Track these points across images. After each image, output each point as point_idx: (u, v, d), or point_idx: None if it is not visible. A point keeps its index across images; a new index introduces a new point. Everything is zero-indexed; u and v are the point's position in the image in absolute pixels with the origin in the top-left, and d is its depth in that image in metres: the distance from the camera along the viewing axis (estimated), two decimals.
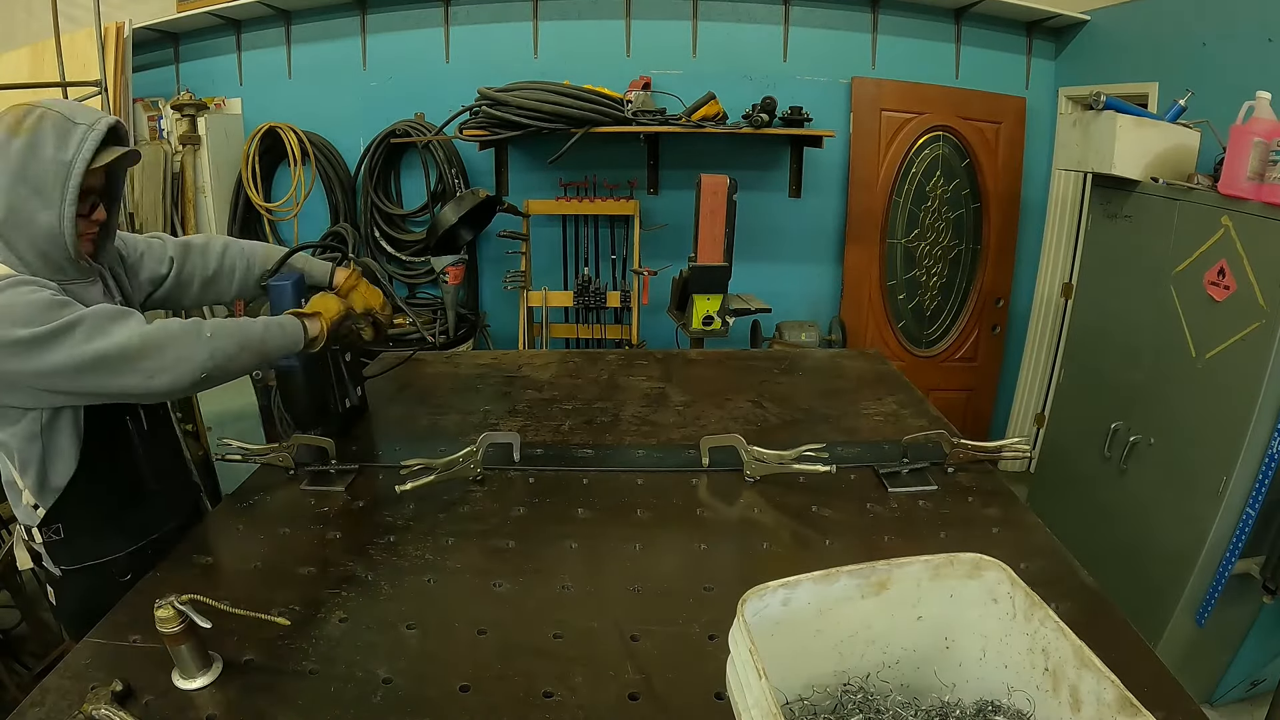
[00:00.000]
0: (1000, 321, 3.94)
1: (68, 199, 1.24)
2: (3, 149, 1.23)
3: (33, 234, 1.25)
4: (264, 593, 1.16)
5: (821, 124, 3.33)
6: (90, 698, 0.89)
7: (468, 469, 1.46)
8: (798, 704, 0.84)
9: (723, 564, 1.24)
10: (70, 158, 1.24)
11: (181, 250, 1.62)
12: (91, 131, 1.25)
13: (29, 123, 1.23)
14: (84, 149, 1.24)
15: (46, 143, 1.23)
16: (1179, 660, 2.26)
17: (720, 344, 2.97)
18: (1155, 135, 2.53)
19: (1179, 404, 2.35)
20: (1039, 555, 1.22)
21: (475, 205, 2.30)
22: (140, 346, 1.22)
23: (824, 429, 1.73)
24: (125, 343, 1.21)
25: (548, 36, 3.58)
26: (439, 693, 0.94)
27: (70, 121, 1.25)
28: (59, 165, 1.23)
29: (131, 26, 3.27)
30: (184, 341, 1.26)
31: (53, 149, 1.23)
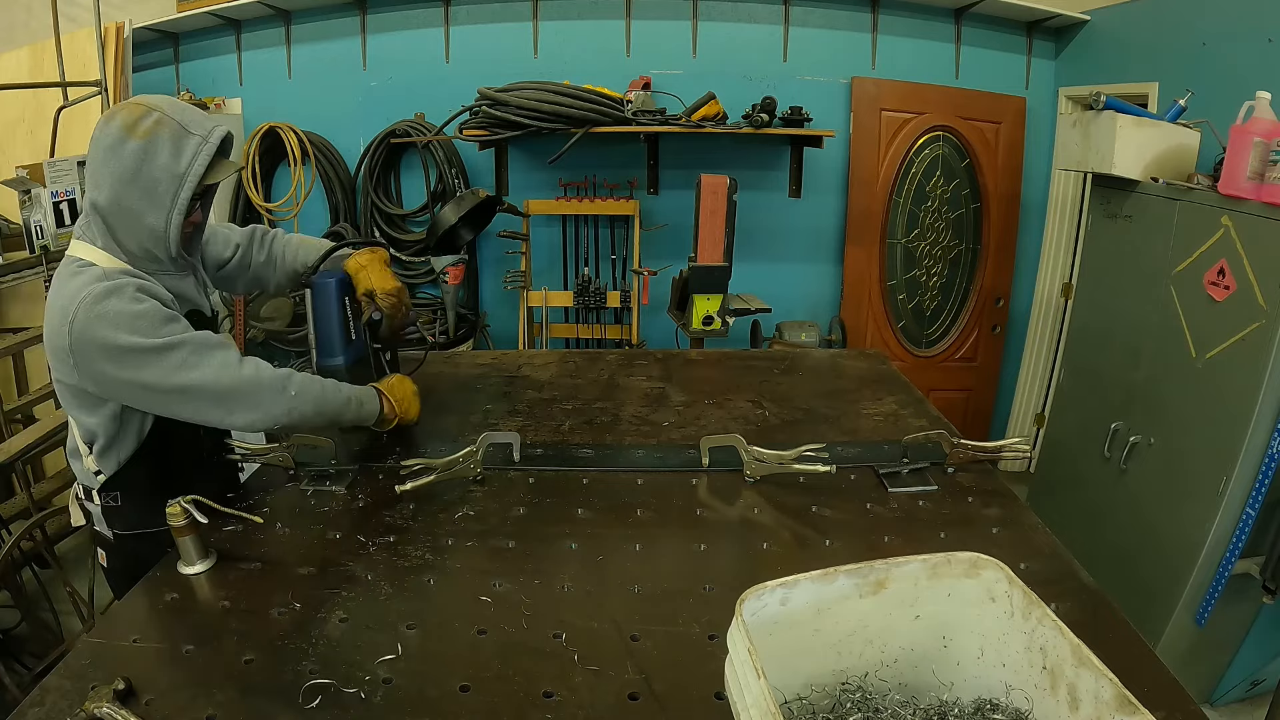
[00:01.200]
0: (1000, 321, 3.94)
1: (177, 208, 1.31)
2: (116, 148, 1.27)
3: (138, 231, 1.32)
4: (264, 592, 1.16)
5: (821, 124, 3.33)
6: (92, 696, 0.89)
7: (468, 469, 1.46)
8: (796, 703, 0.84)
9: (723, 564, 1.24)
10: (184, 170, 1.30)
11: (247, 238, 1.72)
12: (205, 144, 1.31)
13: (146, 126, 1.27)
14: (197, 163, 1.30)
15: (162, 150, 1.28)
16: (1179, 660, 2.26)
17: (720, 344, 2.97)
18: (1155, 135, 2.53)
19: (1179, 404, 2.35)
20: (1039, 555, 1.22)
21: (475, 205, 2.30)
22: (227, 388, 1.30)
23: (824, 429, 1.73)
24: (215, 381, 1.29)
25: (548, 36, 3.58)
26: (439, 693, 0.94)
27: (185, 131, 1.30)
28: (172, 176, 1.29)
29: (131, 26, 3.27)
30: (267, 394, 1.34)
31: (167, 157, 1.28)
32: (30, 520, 2.43)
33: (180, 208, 1.31)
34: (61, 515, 2.82)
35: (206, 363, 1.29)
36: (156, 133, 1.27)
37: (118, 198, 1.29)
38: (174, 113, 1.31)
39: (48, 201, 2.58)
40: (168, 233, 1.32)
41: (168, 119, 1.29)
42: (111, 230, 1.32)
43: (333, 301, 1.61)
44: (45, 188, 2.57)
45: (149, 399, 1.30)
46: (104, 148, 1.28)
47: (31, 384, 3.26)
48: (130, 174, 1.27)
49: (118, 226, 1.32)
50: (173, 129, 1.29)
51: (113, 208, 1.30)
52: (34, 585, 2.68)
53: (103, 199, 1.30)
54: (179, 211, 1.31)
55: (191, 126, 1.31)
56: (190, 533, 1.19)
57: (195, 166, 1.30)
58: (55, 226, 2.61)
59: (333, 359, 1.63)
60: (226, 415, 1.33)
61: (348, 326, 1.65)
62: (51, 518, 2.61)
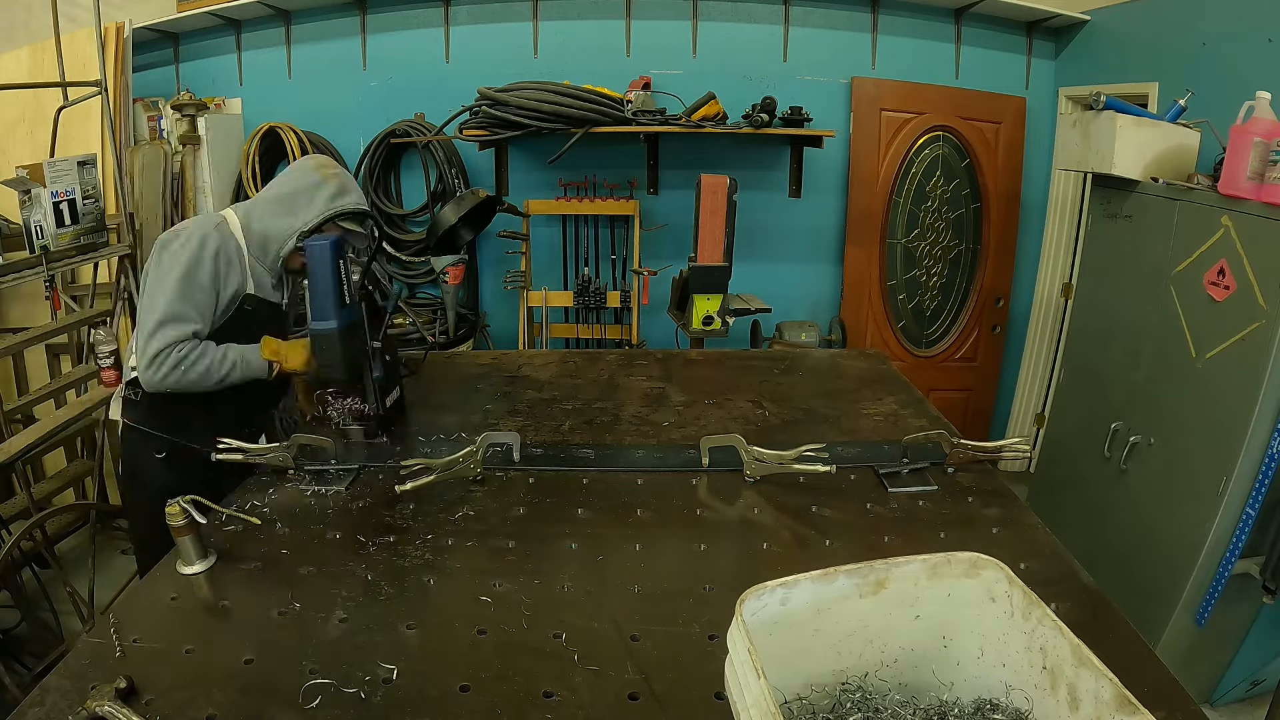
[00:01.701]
0: (1000, 321, 3.94)
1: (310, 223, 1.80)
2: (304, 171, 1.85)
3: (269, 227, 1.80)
4: (264, 592, 1.16)
5: (821, 124, 3.33)
6: (94, 695, 0.89)
7: (468, 469, 1.46)
8: (796, 703, 0.84)
9: (723, 564, 1.24)
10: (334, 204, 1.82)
11: None
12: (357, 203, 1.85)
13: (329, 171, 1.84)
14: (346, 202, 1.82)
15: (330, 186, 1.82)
16: (1179, 660, 2.26)
17: (720, 344, 2.97)
18: (1155, 135, 2.53)
19: (1179, 404, 2.35)
20: (1039, 555, 1.22)
21: (475, 205, 2.30)
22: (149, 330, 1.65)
23: (824, 429, 1.73)
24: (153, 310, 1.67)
25: (548, 36, 3.58)
26: (439, 693, 0.94)
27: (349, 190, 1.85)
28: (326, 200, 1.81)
29: (131, 26, 3.27)
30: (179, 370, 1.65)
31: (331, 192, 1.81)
32: (30, 520, 2.43)
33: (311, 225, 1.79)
34: (62, 515, 2.82)
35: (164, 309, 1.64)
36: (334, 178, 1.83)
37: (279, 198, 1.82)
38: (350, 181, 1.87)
39: (48, 201, 2.58)
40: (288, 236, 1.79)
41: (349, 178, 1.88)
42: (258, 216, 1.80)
43: (328, 263, 1.59)
44: (45, 188, 2.57)
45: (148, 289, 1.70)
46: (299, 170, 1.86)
47: (32, 384, 3.26)
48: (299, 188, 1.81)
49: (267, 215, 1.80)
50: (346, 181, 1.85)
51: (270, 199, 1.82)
52: (34, 585, 2.68)
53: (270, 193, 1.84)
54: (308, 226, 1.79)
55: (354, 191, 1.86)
56: (189, 533, 1.20)
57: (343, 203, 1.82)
58: (55, 226, 2.61)
59: (325, 323, 1.60)
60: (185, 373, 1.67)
61: (342, 289, 1.62)
62: (51, 518, 2.61)
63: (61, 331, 2.95)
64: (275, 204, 1.81)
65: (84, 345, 3.11)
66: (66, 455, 3.26)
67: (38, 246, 2.57)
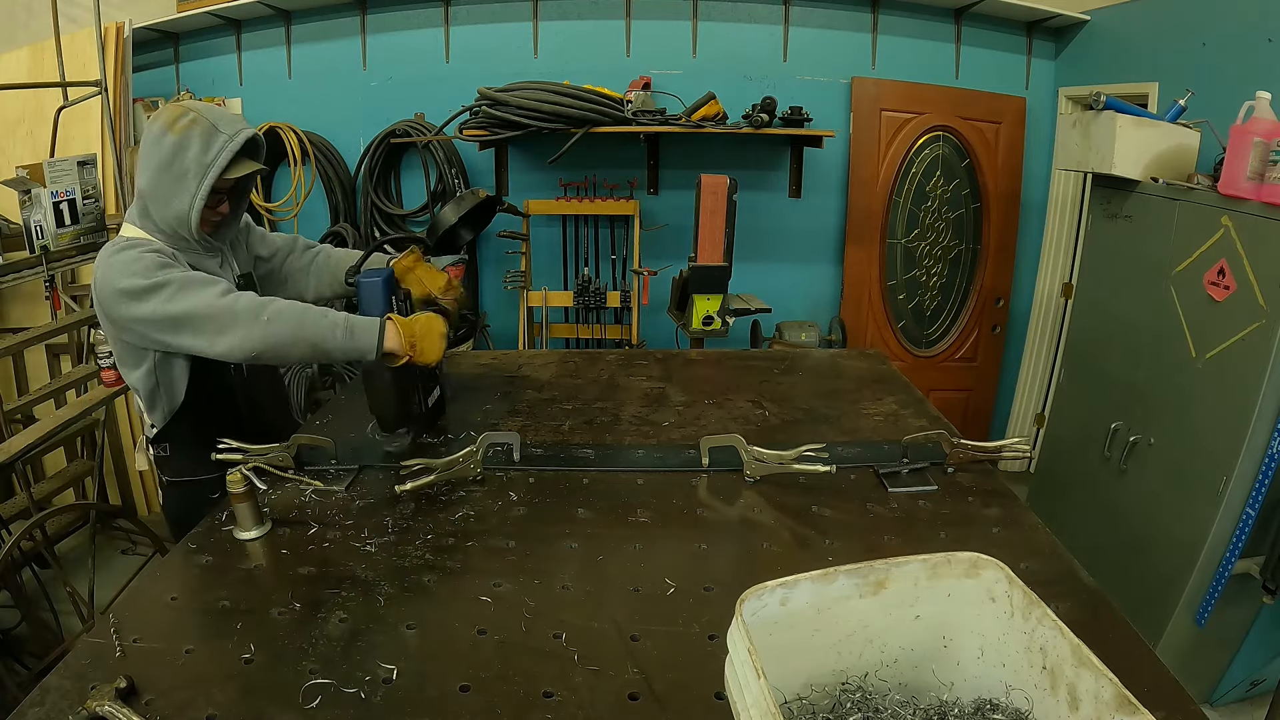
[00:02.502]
0: (1000, 321, 3.94)
1: (200, 194, 1.49)
2: (157, 141, 1.48)
3: (166, 213, 1.51)
4: (264, 592, 1.16)
5: (821, 124, 3.33)
6: (94, 695, 0.89)
7: (468, 469, 1.46)
8: (796, 703, 0.84)
9: (723, 564, 1.24)
10: (209, 160, 1.49)
11: (289, 243, 1.89)
12: (230, 142, 1.50)
13: (182, 124, 1.48)
14: (221, 157, 1.49)
15: (193, 144, 1.47)
16: (1179, 660, 2.26)
17: (720, 344, 2.97)
18: (1155, 135, 2.53)
19: (1179, 404, 2.35)
20: (1039, 555, 1.22)
21: (475, 205, 2.30)
22: (206, 314, 1.43)
23: (824, 429, 1.73)
24: (195, 308, 1.43)
25: (548, 36, 3.58)
26: (439, 693, 0.94)
27: (215, 129, 1.49)
28: (199, 166, 1.48)
29: (131, 26, 3.27)
30: (244, 319, 1.44)
31: (197, 151, 1.48)
32: (30, 520, 2.43)
33: (202, 194, 1.49)
34: (62, 515, 2.82)
35: (190, 294, 1.44)
36: (190, 130, 1.47)
37: (155, 183, 1.50)
38: (208, 114, 1.50)
39: (48, 201, 2.58)
40: (190, 215, 1.50)
41: (202, 119, 1.49)
42: (148, 211, 1.53)
43: (379, 300, 1.58)
44: (45, 188, 2.57)
45: (150, 332, 1.47)
46: (148, 141, 1.50)
47: (31, 384, 3.26)
48: (166, 163, 1.48)
49: (153, 208, 1.52)
50: (204, 127, 1.48)
51: (150, 191, 1.51)
52: (34, 585, 2.68)
53: (144, 183, 1.52)
54: (200, 198, 1.49)
55: (221, 126, 1.50)
56: (247, 500, 1.27)
57: (219, 160, 1.48)
58: (55, 226, 2.61)
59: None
60: (209, 343, 1.44)
61: None
62: (51, 518, 2.61)
63: (61, 331, 2.95)
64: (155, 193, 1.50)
65: (84, 345, 3.11)
66: (66, 455, 3.26)
67: (38, 246, 2.57)
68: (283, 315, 1.45)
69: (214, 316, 1.43)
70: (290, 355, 1.49)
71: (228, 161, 1.49)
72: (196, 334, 1.44)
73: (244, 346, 1.43)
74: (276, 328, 1.44)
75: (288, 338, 1.45)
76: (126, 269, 1.44)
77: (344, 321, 1.48)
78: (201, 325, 1.43)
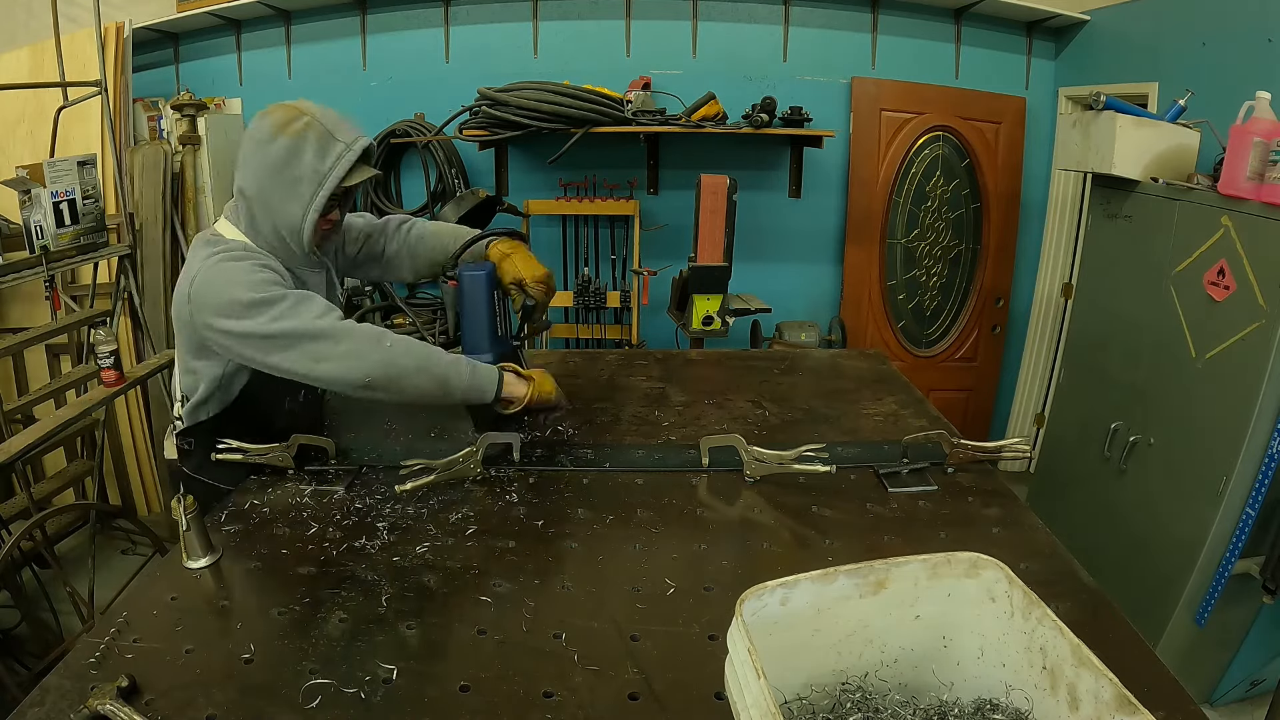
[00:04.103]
0: (1000, 321, 3.94)
1: (315, 204, 1.41)
2: (266, 143, 1.39)
3: (276, 222, 1.43)
4: (264, 592, 1.16)
5: (821, 124, 3.34)
6: (95, 694, 0.89)
7: (468, 469, 1.46)
8: (796, 703, 0.84)
9: (723, 564, 1.24)
10: (327, 169, 1.40)
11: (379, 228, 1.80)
12: (349, 151, 1.41)
13: (296, 127, 1.38)
14: (340, 165, 1.40)
15: (308, 150, 1.38)
16: (1179, 660, 2.26)
17: (720, 344, 2.97)
18: (1155, 135, 2.53)
19: (1179, 404, 2.35)
20: (1039, 555, 1.22)
21: (475, 205, 2.31)
22: (319, 330, 1.35)
23: (824, 429, 1.73)
24: (308, 325, 1.35)
25: (548, 36, 3.59)
26: (439, 693, 0.94)
27: (332, 137, 1.41)
28: (315, 173, 1.40)
29: (131, 26, 3.27)
30: (361, 341, 1.37)
31: (312, 157, 1.39)
32: (30, 520, 2.43)
33: (318, 205, 1.41)
34: (62, 515, 2.82)
35: (303, 312, 1.36)
36: (305, 134, 1.38)
37: (263, 188, 1.41)
38: (325, 120, 1.41)
39: (48, 201, 2.58)
40: (303, 226, 1.42)
41: (317, 123, 1.40)
42: (254, 217, 1.45)
43: (482, 295, 1.55)
44: (45, 188, 2.57)
45: (249, 348, 1.37)
46: (255, 141, 1.40)
47: (31, 384, 3.26)
48: (277, 168, 1.39)
49: (259, 215, 1.44)
50: (320, 132, 1.39)
51: (258, 197, 1.42)
52: (34, 585, 2.68)
53: (249, 187, 1.43)
54: (315, 209, 1.41)
55: (338, 133, 1.42)
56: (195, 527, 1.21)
57: (337, 169, 1.40)
58: (55, 226, 2.61)
59: (480, 355, 1.57)
60: (313, 364, 1.36)
61: (495, 321, 1.59)
62: (51, 518, 2.61)
63: (61, 331, 2.95)
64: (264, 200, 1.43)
65: (84, 345, 3.11)
66: (66, 455, 3.26)
67: (38, 246, 2.57)
68: (406, 345, 1.39)
69: (328, 334, 1.35)
70: (408, 386, 1.41)
71: (347, 170, 1.41)
72: (299, 350, 1.35)
73: (355, 371, 1.36)
74: (398, 355, 1.38)
75: (411, 367, 1.39)
76: (238, 280, 1.36)
77: (467, 361, 1.47)
78: (309, 340, 1.35)
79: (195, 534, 1.20)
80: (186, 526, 1.19)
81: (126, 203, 3.07)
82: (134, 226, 3.13)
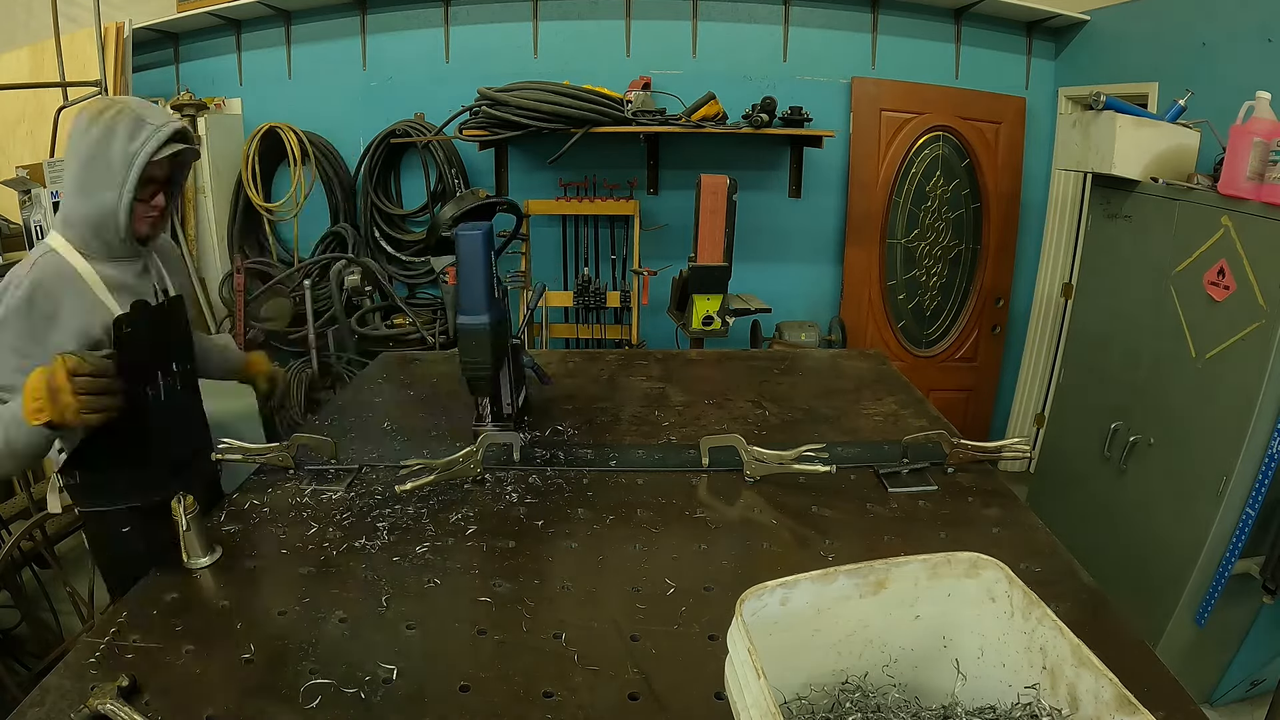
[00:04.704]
0: (1000, 321, 3.94)
1: (128, 184, 1.43)
2: (82, 133, 1.42)
3: (90, 211, 1.44)
4: (264, 592, 1.16)
5: (821, 124, 3.33)
6: (95, 693, 0.89)
7: (468, 469, 1.46)
8: (796, 703, 0.84)
9: (723, 564, 1.24)
10: (137, 148, 1.43)
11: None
12: (158, 131, 1.44)
13: (108, 115, 1.42)
14: (149, 143, 1.43)
15: (119, 134, 1.42)
16: (1179, 660, 2.26)
17: (720, 344, 2.97)
18: (1155, 135, 2.53)
19: (1179, 404, 2.35)
20: (1039, 555, 1.22)
21: (475, 205, 2.30)
22: None
23: (824, 429, 1.73)
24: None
25: (548, 36, 3.59)
26: (439, 693, 0.94)
27: (142, 120, 1.44)
28: (126, 155, 1.42)
29: (131, 26, 3.27)
30: None
31: (123, 140, 1.42)
32: (30, 520, 2.43)
33: (130, 184, 1.43)
34: (62, 515, 2.82)
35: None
36: (117, 119, 1.42)
37: (79, 176, 1.43)
38: (136, 106, 1.46)
39: (47, 201, 2.58)
40: (119, 207, 1.44)
41: (129, 109, 1.44)
42: (70, 211, 1.46)
43: (479, 255, 1.52)
44: (45, 188, 2.58)
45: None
46: (72, 133, 1.44)
47: None
48: (91, 154, 1.42)
49: (76, 206, 1.45)
50: (132, 117, 1.44)
51: (76, 186, 1.44)
52: (34, 585, 2.68)
53: (68, 180, 1.45)
54: (129, 189, 1.43)
55: (149, 117, 1.45)
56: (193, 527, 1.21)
57: (148, 146, 1.43)
58: None
59: (477, 317, 1.53)
60: None
61: (492, 282, 1.57)
62: (51, 518, 2.61)
63: None
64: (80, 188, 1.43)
65: None
66: None
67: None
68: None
69: None
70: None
71: (157, 147, 1.42)
72: None
73: None
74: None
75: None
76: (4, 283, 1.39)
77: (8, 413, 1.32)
78: None
79: (195, 534, 1.21)
80: (186, 527, 1.20)
81: None
82: None
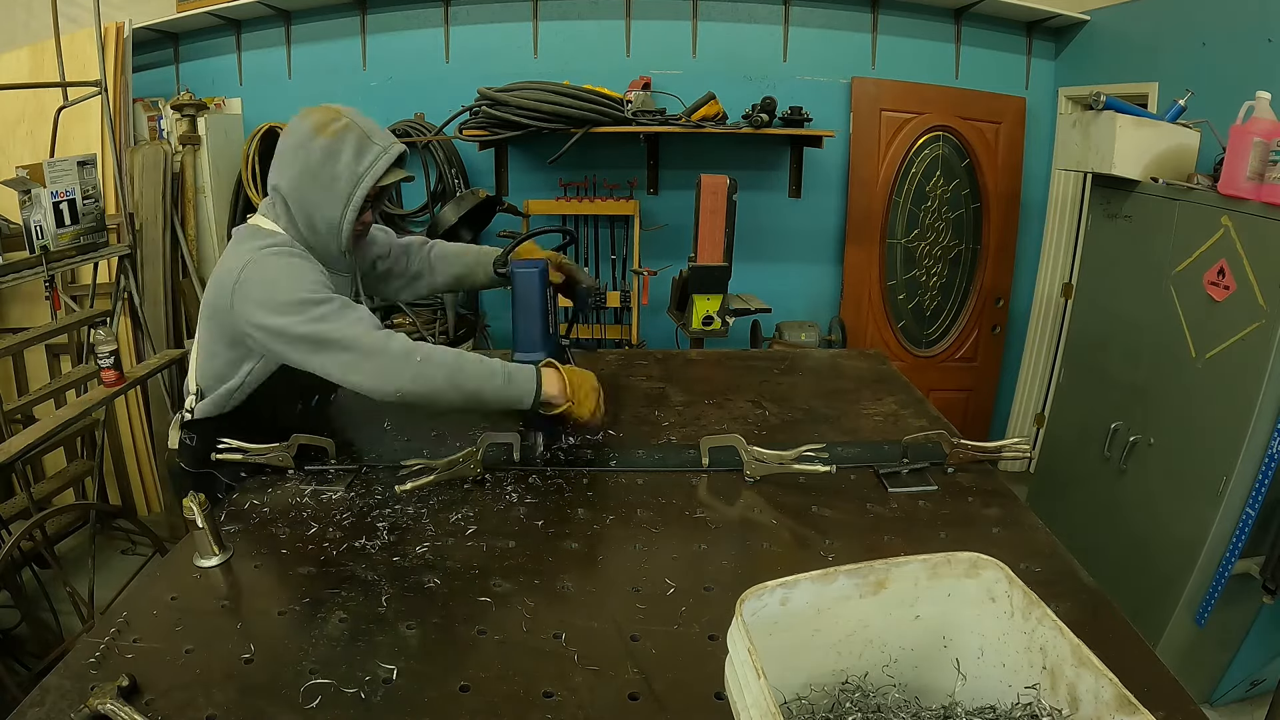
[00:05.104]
0: (1000, 321, 3.94)
1: (353, 204, 1.46)
2: (305, 143, 1.44)
3: (315, 219, 1.47)
4: (264, 592, 1.16)
5: (821, 124, 3.33)
6: (96, 693, 0.89)
7: (468, 469, 1.46)
8: (796, 703, 0.84)
9: (723, 564, 1.24)
10: (364, 169, 1.45)
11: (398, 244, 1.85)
12: (385, 154, 1.47)
13: (334, 128, 1.44)
14: (377, 165, 1.46)
15: (346, 150, 1.44)
16: (1179, 660, 2.26)
17: (720, 344, 2.97)
18: (1155, 135, 2.53)
19: (1179, 404, 2.35)
20: (1039, 555, 1.22)
21: (475, 205, 2.30)
22: (355, 341, 1.38)
23: (824, 429, 1.73)
24: (346, 335, 1.38)
25: (548, 36, 3.59)
26: (439, 693, 0.94)
27: (369, 139, 1.46)
28: (352, 173, 1.45)
29: (131, 26, 3.27)
30: (394, 357, 1.39)
31: (350, 157, 1.44)
32: (30, 520, 2.43)
33: (356, 203, 1.46)
34: (62, 515, 2.82)
35: (344, 319, 1.39)
36: (344, 135, 1.43)
37: (301, 187, 1.45)
38: (362, 123, 1.47)
39: (48, 201, 2.58)
40: (341, 225, 1.47)
41: (355, 125, 1.45)
42: (291, 215, 1.48)
43: (535, 291, 1.54)
44: (45, 188, 2.57)
45: (281, 344, 1.39)
46: (295, 141, 1.46)
47: (31, 384, 3.26)
48: (315, 167, 1.44)
49: (297, 212, 1.48)
50: (358, 134, 1.45)
51: (295, 195, 1.46)
52: (34, 585, 2.68)
53: (287, 186, 1.47)
54: (354, 207, 1.46)
55: (374, 136, 1.47)
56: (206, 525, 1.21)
57: (375, 169, 1.45)
58: (55, 226, 2.61)
59: (533, 353, 1.56)
60: (345, 372, 1.39)
61: (548, 318, 1.58)
62: (51, 518, 2.61)
63: (61, 331, 2.95)
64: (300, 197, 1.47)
65: (84, 345, 3.11)
66: (66, 455, 3.26)
67: (38, 246, 2.57)
68: (436, 358, 1.40)
69: (363, 347, 1.37)
70: (441, 400, 1.43)
71: (384, 171, 1.46)
72: (334, 359, 1.38)
73: (387, 383, 1.38)
74: (430, 369, 1.39)
75: (442, 382, 1.40)
76: (287, 275, 1.40)
77: (502, 369, 1.45)
78: (345, 350, 1.37)
79: (209, 532, 1.21)
80: (200, 524, 1.19)
81: (126, 203, 3.07)
82: (134, 227, 3.13)
